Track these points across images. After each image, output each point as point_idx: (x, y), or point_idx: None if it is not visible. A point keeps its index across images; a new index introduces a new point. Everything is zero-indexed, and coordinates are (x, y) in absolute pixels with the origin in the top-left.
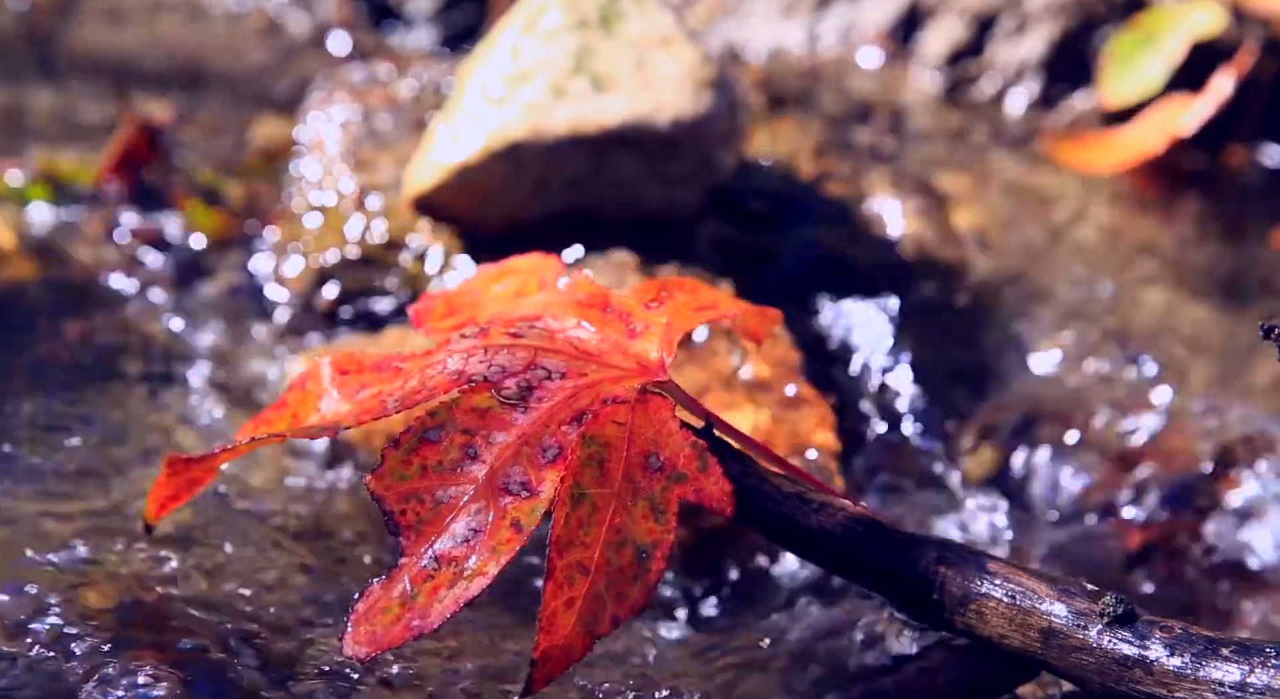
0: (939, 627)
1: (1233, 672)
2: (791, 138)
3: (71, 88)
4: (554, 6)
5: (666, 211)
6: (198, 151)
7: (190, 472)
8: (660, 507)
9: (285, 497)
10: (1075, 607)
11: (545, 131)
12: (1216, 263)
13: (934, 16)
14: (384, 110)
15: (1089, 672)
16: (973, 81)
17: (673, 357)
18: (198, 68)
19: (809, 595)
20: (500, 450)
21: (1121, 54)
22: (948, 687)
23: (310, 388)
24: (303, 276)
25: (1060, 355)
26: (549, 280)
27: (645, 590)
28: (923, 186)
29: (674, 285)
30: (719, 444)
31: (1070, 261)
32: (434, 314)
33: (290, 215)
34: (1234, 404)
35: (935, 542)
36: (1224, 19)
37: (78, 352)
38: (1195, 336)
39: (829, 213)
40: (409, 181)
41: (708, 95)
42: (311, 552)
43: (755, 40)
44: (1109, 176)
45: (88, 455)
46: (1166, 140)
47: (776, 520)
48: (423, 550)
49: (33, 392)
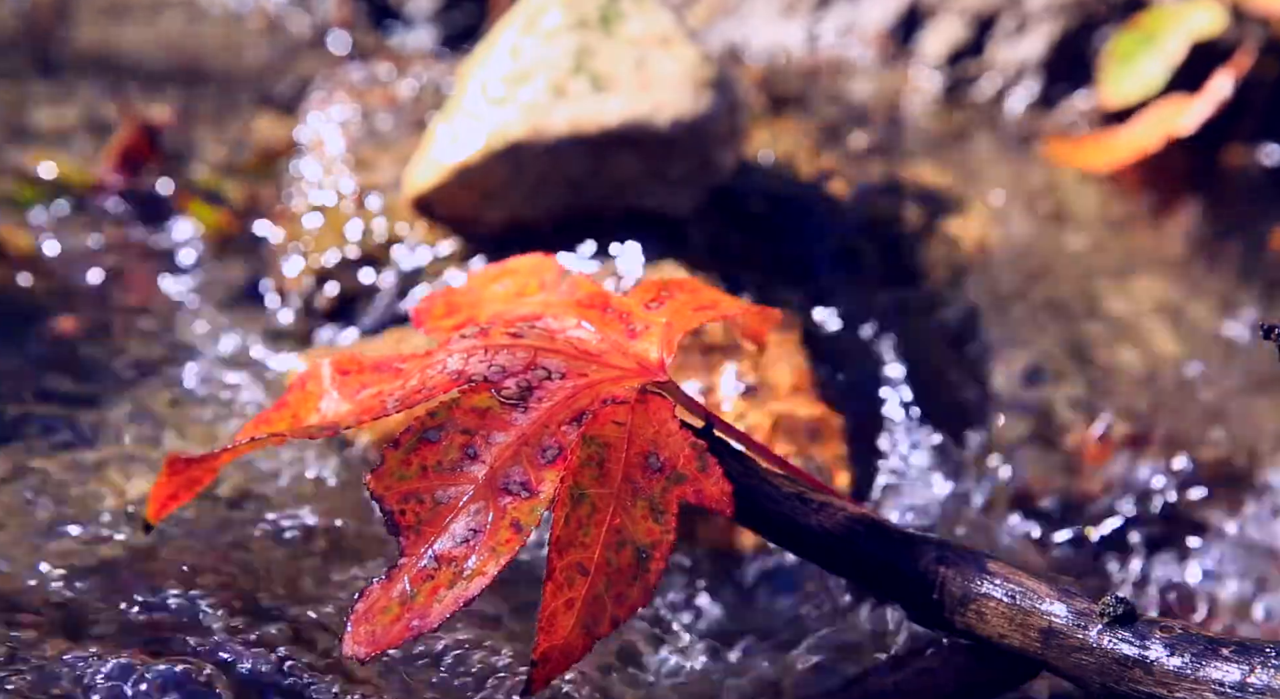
0: (939, 627)
1: (1233, 672)
2: (791, 138)
3: (71, 87)
4: (554, 6)
5: (666, 211)
6: (198, 151)
7: (190, 472)
8: (660, 507)
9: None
10: (1075, 607)
11: (545, 131)
12: (1216, 262)
13: (934, 16)
14: (384, 110)
15: (1089, 672)
16: (973, 81)
17: (673, 356)
18: (198, 67)
19: (809, 595)
20: (500, 450)
21: (1121, 54)
22: (948, 687)
23: (311, 388)
24: (303, 276)
25: (1058, 356)
26: (549, 280)
27: (645, 591)
28: (922, 186)
29: (674, 285)
30: (719, 444)
31: (1070, 261)
32: (434, 314)
33: (290, 215)
34: (1230, 404)
35: (935, 542)
36: (1224, 19)
37: (76, 351)
38: (1195, 337)
39: (829, 213)
40: (409, 181)
41: (708, 95)
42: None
43: (755, 40)
44: (1108, 176)
45: (87, 455)
46: (1163, 140)
47: (776, 520)
48: (422, 550)
49: (31, 391)
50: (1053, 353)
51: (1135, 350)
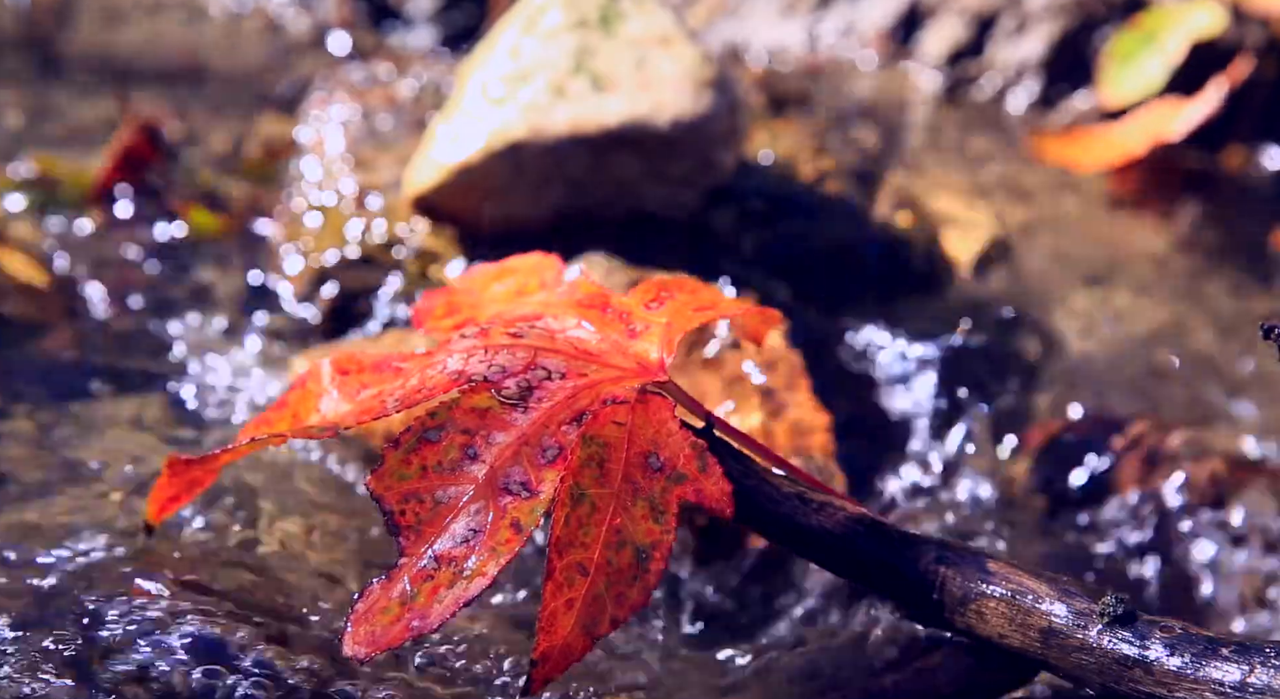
0: (939, 627)
1: (1233, 672)
2: (791, 138)
3: (71, 88)
4: (554, 6)
5: (666, 211)
6: (198, 151)
7: (191, 472)
8: (660, 507)
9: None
10: (1075, 606)
11: (545, 131)
12: (1215, 262)
13: (934, 16)
14: (384, 110)
15: (1089, 672)
16: (973, 81)
17: (673, 356)
18: (198, 68)
19: (809, 596)
20: (500, 450)
21: (1121, 54)
22: (948, 687)
23: (311, 388)
24: (303, 276)
25: (1059, 355)
26: (549, 280)
27: (644, 591)
28: (922, 187)
29: (674, 285)
30: (719, 444)
31: (1069, 261)
32: (434, 314)
33: (290, 215)
34: (1232, 407)
35: (935, 542)
36: (1224, 19)
37: (76, 352)
38: (1195, 336)
39: (829, 213)
40: (409, 181)
41: (708, 95)
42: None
43: (755, 40)
44: (1109, 176)
45: (87, 456)
46: (1150, 143)
47: (776, 520)
48: (422, 550)
49: (31, 392)
50: (1051, 352)
51: (1135, 352)
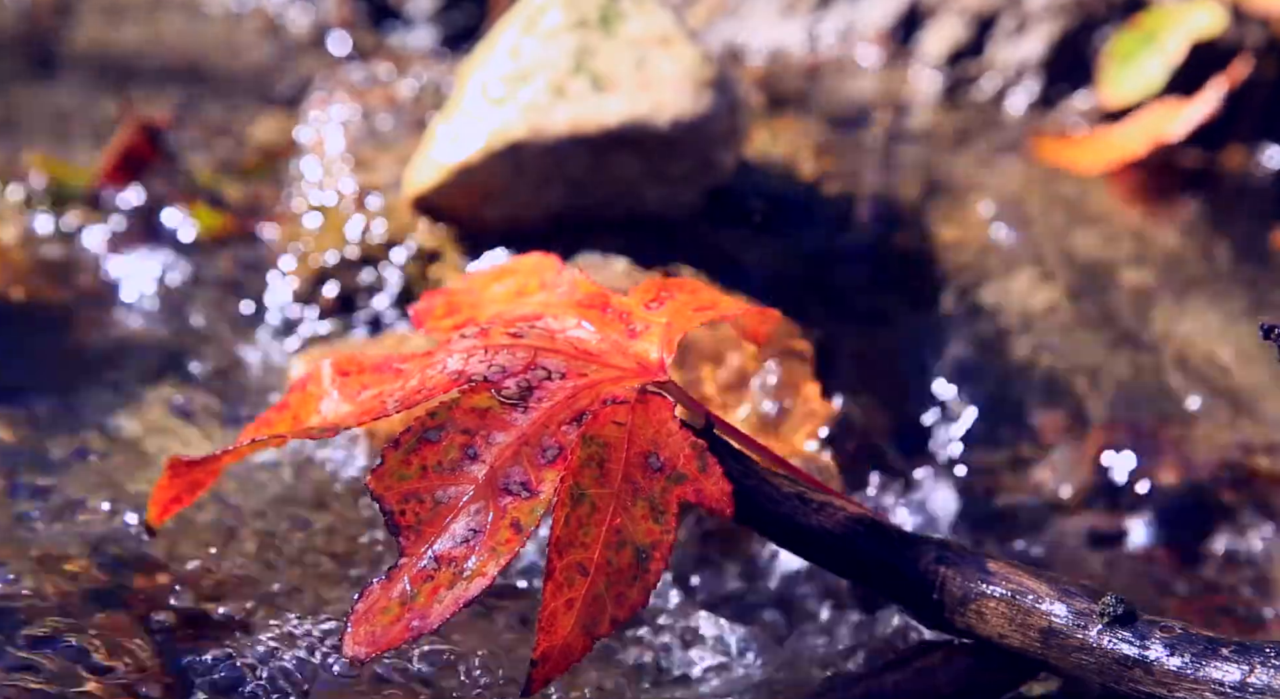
0: (939, 627)
1: (1233, 672)
2: (791, 138)
3: (71, 88)
4: (554, 6)
5: (666, 211)
6: (198, 151)
7: (192, 474)
8: (660, 507)
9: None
10: (1075, 606)
11: (545, 131)
12: (1215, 263)
13: (934, 16)
14: (384, 110)
15: (1089, 671)
16: (973, 81)
17: (673, 356)
18: (198, 67)
19: (810, 596)
20: (500, 450)
21: (1122, 54)
22: (948, 687)
23: (311, 389)
24: (303, 276)
25: (1059, 355)
26: (549, 280)
27: (644, 591)
28: (922, 187)
29: (674, 285)
30: (719, 444)
31: (1069, 261)
32: (434, 314)
33: (290, 215)
34: (1232, 407)
35: (935, 542)
36: (1224, 19)
37: (77, 352)
38: (1194, 337)
39: (829, 213)
40: (409, 181)
41: (708, 95)
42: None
43: (755, 40)
44: (1108, 176)
45: (88, 456)
46: (1150, 144)
47: (776, 520)
48: (422, 551)
49: (32, 392)
50: (1050, 351)
51: (1134, 352)
